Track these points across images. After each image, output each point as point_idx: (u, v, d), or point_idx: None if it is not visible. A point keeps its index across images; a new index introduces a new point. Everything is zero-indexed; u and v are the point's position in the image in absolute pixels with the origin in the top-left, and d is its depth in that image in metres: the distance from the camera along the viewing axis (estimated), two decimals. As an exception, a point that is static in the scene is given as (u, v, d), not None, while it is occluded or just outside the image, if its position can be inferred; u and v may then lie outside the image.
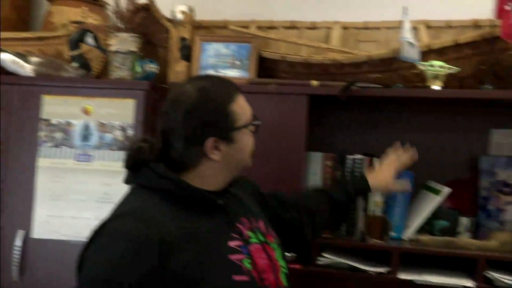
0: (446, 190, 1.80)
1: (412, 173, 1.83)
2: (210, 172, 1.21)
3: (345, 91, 1.70)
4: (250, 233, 1.22)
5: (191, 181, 1.19)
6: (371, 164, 1.82)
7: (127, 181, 1.21)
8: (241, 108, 1.22)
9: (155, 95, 1.83)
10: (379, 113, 1.71)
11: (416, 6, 1.79)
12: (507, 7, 1.56)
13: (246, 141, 1.24)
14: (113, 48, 1.86)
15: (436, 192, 1.83)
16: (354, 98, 1.74)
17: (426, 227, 1.84)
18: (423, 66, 1.67)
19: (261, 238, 1.24)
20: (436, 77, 1.67)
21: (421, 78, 1.70)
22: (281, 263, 1.27)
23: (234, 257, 1.15)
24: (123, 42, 1.85)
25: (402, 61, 1.69)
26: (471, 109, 1.90)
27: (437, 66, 1.66)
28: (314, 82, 1.77)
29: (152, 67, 1.94)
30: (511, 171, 1.78)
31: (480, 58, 1.71)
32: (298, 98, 1.76)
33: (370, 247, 1.76)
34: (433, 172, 1.93)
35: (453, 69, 1.67)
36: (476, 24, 1.89)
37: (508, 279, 1.61)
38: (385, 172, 1.67)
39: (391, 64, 1.75)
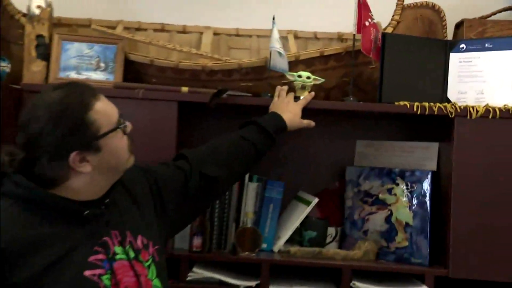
0: (314, 200, 1.94)
1: (283, 183, 1.97)
2: (83, 184, 1.24)
3: (213, 99, 1.77)
4: (118, 249, 1.26)
5: (64, 194, 1.23)
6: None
7: None
8: (102, 114, 1.24)
9: (6, 96, 1.79)
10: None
11: (285, 16, 1.94)
12: (366, 23, 1.76)
13: (116, 144, 1.27)
14: (-45, 43, 1.81)
15: (306, 202, 1.96)
16: (224, 106, 1.82)
17: (297, 238, 1.97)
18: (291, 76, 1.81)
19: (132, 254, 1.28)
20: (303, 87, 1.80)
21: (290, 88, 1.82)
22: (155, 282, 1.31)
23: (90, 272, 1.19)
24: (-33, 37, 1.81)
25: (271, 70, 1.83)
26: (339, 119, 2.08)
27: (305, 76, 1.80)
28: (184, 89, 1.82)
29: (3, 66, 1.89)
30: (374, 182, 1.94)
31: (344, 71, 1.89)
32: (168, 104, 1.81)
33: (241, 260, 1.85)
34: (304, 182, 2.09)
35: (319, 80, 1.82)
36: (340, 37, 2.07)
37: (371, 288, 1.77)
38: (293, 106, 1.76)
39: (262, 73, 1.87)
